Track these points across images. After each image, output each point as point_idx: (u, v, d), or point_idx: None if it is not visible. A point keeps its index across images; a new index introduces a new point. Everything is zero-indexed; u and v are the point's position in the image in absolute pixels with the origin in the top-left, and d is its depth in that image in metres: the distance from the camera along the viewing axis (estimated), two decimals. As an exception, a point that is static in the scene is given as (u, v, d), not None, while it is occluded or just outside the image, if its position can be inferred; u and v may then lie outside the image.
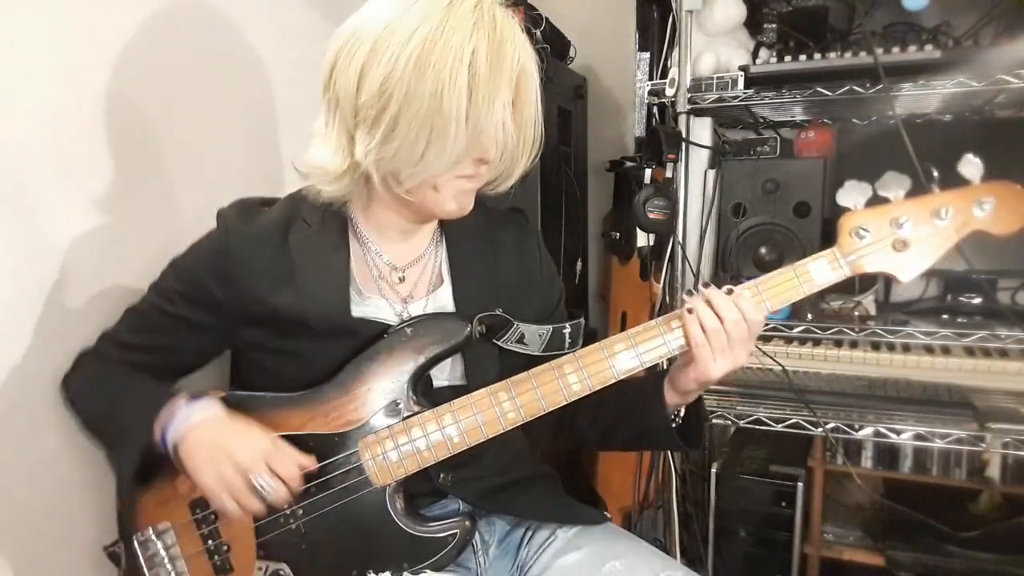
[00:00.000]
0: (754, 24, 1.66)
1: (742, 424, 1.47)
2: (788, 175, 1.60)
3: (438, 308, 1.01)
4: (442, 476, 0.98)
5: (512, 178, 0.97)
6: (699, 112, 1.62)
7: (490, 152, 0.88)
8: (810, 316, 1.55)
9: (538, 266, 1.11)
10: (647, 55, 1.82)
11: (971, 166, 0.90)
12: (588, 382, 0.93)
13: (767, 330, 1.55)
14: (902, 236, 0.91)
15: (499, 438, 0.95)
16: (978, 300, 1.63)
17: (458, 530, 0.95)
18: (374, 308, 0.98)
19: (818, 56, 1.48)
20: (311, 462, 0.93)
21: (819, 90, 1.48)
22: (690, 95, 1.57)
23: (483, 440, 0.94)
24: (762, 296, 0.93)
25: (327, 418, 0.95)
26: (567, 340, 1.03)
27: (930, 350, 1.53)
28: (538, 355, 1.01)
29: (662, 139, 1.59)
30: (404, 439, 0.94)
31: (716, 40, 1.61)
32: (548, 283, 1.12)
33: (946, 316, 1.58)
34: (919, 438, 1.34)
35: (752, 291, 0.93)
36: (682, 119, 1.59)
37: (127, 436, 0.97)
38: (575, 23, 2.04)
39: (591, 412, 1.06)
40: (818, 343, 1.59)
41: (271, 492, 0.89)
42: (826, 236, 0.98)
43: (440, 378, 1.01)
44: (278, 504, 0.91)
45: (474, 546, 1.03)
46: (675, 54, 1.60)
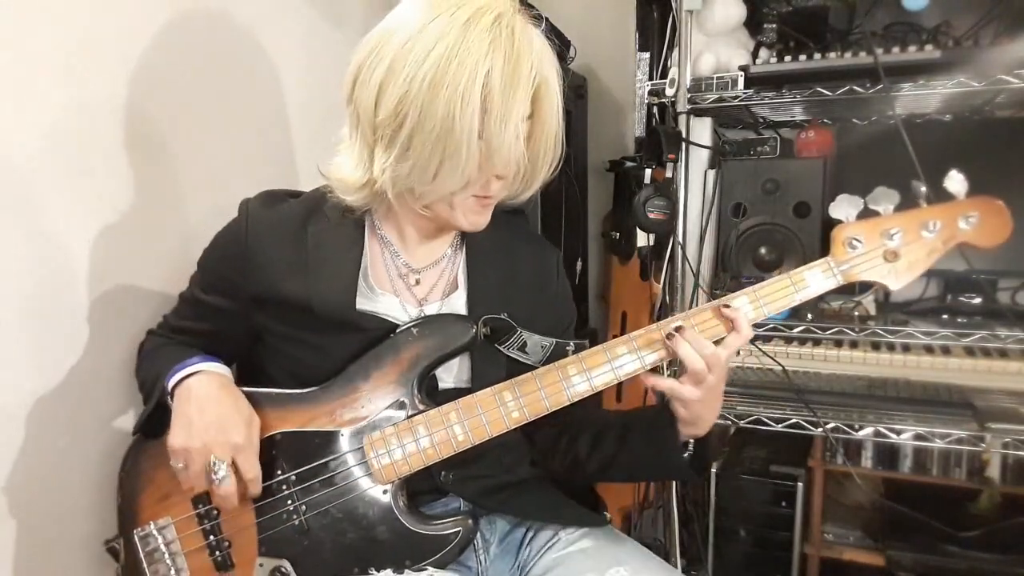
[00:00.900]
0: (754, 24, 1.66)
1: (742, 424, 1.47)
2: (788, 175, 1.60)
3: (450, 312, 1.02)
4: (443, 474, 0.99)
5: (532, 189, 0.98)
6: (699, 112, 1.62)
7: (504, 169, 0.89)
8: (810, 316, 1.55)
9: (554, 285, 1.12)
10: (647, 55, 1.82)
11: (955, 182, 0.95)
12: (592, 383, 0.94)
13: (767, 330, 1.55)
14: (892, 247, 0.96)
15: (501, 439, 0.96)
16: (978, 300, 1.63)
17: (460, 528, 0.95)
18: (384, 306, 0.99)
19: (818, 56, 1.47)
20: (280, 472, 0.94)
21: (819, 90, 1.48)
22: (690, 95, 1.57)
23: (487, 439, 0.94)
24: (760, 302, 0.95)
25: (333, 415, 0.96)
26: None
27: (930, 350, 1.53)
28: (534, 367, 1.00)
29: (662, 139, 1.59)
30: (409, 438, 0.94)
31: (716, 40, 1.61)
32: (562, 303, 1.14)
33: (946, 316, 1.58)
34: (919, 438, 1.34)
35: (750, 296, 0.95)
36: (682, 119, 1.59)
37: (151, 387, 1.00)
38: (575, 23, 2.04)
39: (591, 441, 1.05)
40: (818, 343, 1.59)
41: (220, 484, 0.90)
42: (826, 236, 0.99)
43: (447, 380, 1.01)
44: (224, 496, 0.92)
45: (475, 545, 1.03)
46: (675, 54, 1.60)
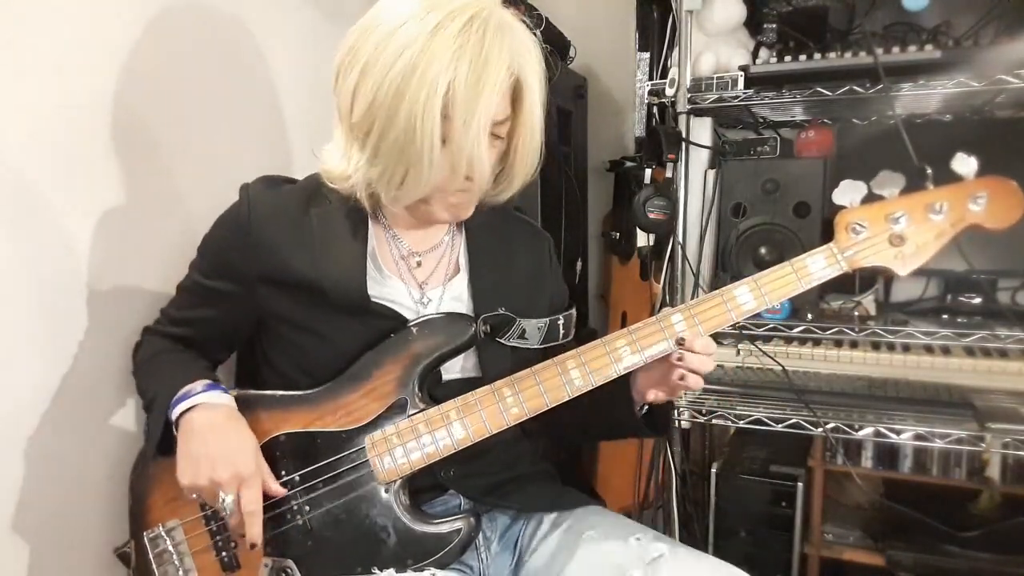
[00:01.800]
0: (754, 24, 1.66)
1: (742, 424, 1.47)
2: (788, 175, 1.60)
3: (454, 297, 1.03)
4: (443, 471, 1.00)
5: (512, 188, 0.99)
6: (699, 112, 1.62)
7: (472, 172, 0.88)
8: (810, 316, 1.54)
9: (548, 269, 1.14)
10: (647, 55, 1.82)
11: (964, 163, 0.92)
12: (591, 377, 0.95)
13: (767, 330, 1.55)
14: (898, 231, 0.94)
15: (502, 436, 0.97)
16: (978, 300, 1.63)
17: (463, 527, 0.96)
18: (391, 290, 1.00)
19: (818, 56, 1.47)
20: (281, 491, 0.96)
21: (819, 90, 1.48)
22: (690, 95, 1.57)
23: (488, 436, 0.95)
24: (761, 291, 0.95)
25: (335, 416, 0.97)
26: (560, 331, 1.08)
27: (930, 350, 1.53)
28: (538, 347, 1.05)
29: (662, 139, 1.59)
30: (410, 437, 0.95)
31: (716, 40, 1.61)
32: (556, 285, 1.15)
33: (946, 316, 1.58)
34: (919, 438, 1.34)
35: (751, 286, 0.95)
36: (682, 119, 1.59)
37: (153, 407, 1.00)
38: (575, 23, 2.04)
39: (570, 411, 1.07)
40: (818, 343, 1.59)
41: (228, 514, 0.91)
42: (826, 236, 0.99)
43: (454, 371, 1.02)
44: (233, 527, 0.95)
45: (476, 544, 1.04)
46: (675, 54, 1.60)
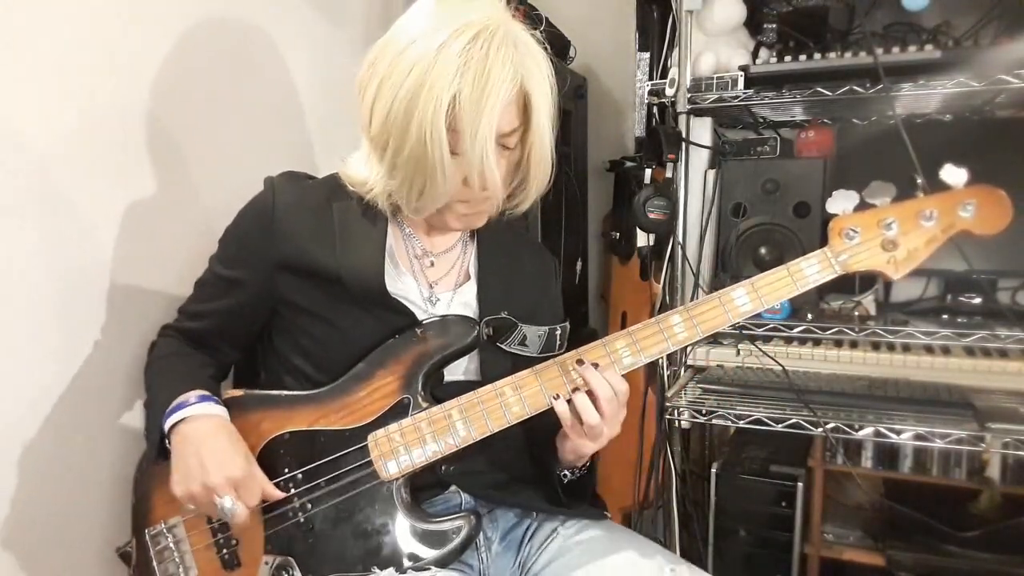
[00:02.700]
0: (754, 24, 1.66)
1: (742, 424, 1.47)
2: (788, 175, 1.60)
3: (463, 303, 1.05)
4: (444, 467, 1.00)
5: (529, 199, 1.02)
6: (699, 112, 1.62)
7: (483, 183, 0.90)
8: (810, 316, 1.54)
9: (552, 286, 1.18)
10: (647, 55, 1.82)
11: (953, 174, 0.96)
12: None
13: (767, 330, 1.55)
14: (890, 236, 0.97)
15: (503, 436, 0.97)
16: (978, 300, 1.63)
17: (464, 525, 0.96)
18: (404, 286, 1.02)
19: (818, 56, 1.48)
20: (279, 494, 0.96)
21: (819, 90, 1.48)
22: (690, 95, 1.57)
23: (489, 434, 0.96)
24: (757, 294, 0.96)
25: (338, 415, 0.98)
26: (557, 341, 1.11)
27: (930, 350, 1.53)
28: (535, 356, 1.06)
29: (662, 139, 1.59)
30: (412, 435, 0.96)
31: (716, 40, 1.61)
32: (555, 307, 1.18)
33: (946, 316, 1.58)
34: (919, 438, 1.34)
35: (747, 288, 0.97)
36: (682, 119, 1.59)
37: (150, 412, 1.02)
38: (575, 23, 2.04)
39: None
40: (818, 343, 1.59)
41: (229, 516, 0.92)
42: (826, 236, 1.00)
43: (456, 373, 1.04)
44: (238, 526, 0.96)
45: (477, 543, 1.04)
46: (675, 54, 1.60)
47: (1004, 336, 1.40)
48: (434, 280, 1.05)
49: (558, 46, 1.92)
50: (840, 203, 0.99)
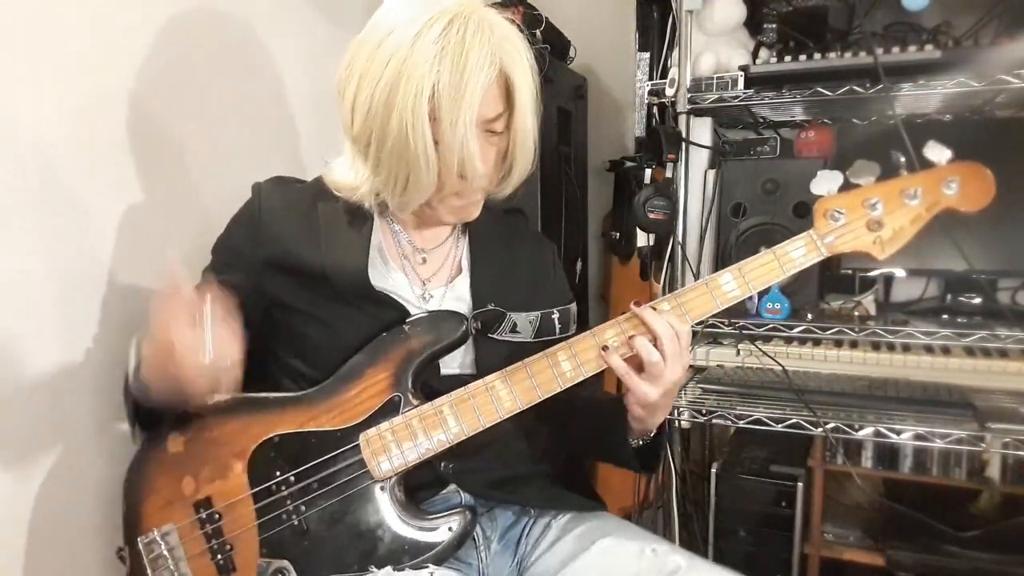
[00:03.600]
0: (754, 24, 1.66)
1: (742, 424, 1.47)
2: (788, 175, 1.60)
3: (456, 298, 1.04)
4: (443, 465, 1.00)
5: (511, 182, 1.01)
6: (699, 112, 1.62)
7: (465, 170, 0.90)
8: (810, 316, 1.54)
9: (551, 272, 1.16)
10: (647, 55, 1.82)
11: (936, 151, 0.95)
12: (581, 369, 0.96)
13: (767, 330, 1.55)
14: (875, 216, 0.96)
15: (502, 433, 0.98)
16: (978, 300, 1.63)
17: (459, 521, 0.96)
18: (395, 282, 1.02)
19: (818, 56, 1.48)
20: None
21: (819, 90, 1.48)
22: (690, 95, 1.57)
23: (481, 430, 0.96)
24: (744, 279, 0.96)
25: (329, 415, 0.97)
26: (556, 325, 1.09)
27: (930, 350, 1.53)
28: (532, 342, 1.05)
29: (662, 139, 1.59)
30: (404, 433, 0.95)
31: (716, 40, 1.61)
32: (559, 290, 1.16)
33: (946, 316, 1.58)
34: (919, 438, 1.34)
35: (734, 273, 0.96)
36: (682, 119, 1.59)
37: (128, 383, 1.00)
38: (575, 23, 2.04)
39: (571, 424, 1.09)
40: (818, 343, 1.59)
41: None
42: (826, 236, 0.99)
43: (451, 367, 1.03)
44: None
45: (475, 540, 1.04)
46: (675, 54, 1.60)
47: (1004, 336, 1.40)
48: (427, 277, 1.05)
49: (558, 46, 1.92)
50: (824, 184, 0.97)
